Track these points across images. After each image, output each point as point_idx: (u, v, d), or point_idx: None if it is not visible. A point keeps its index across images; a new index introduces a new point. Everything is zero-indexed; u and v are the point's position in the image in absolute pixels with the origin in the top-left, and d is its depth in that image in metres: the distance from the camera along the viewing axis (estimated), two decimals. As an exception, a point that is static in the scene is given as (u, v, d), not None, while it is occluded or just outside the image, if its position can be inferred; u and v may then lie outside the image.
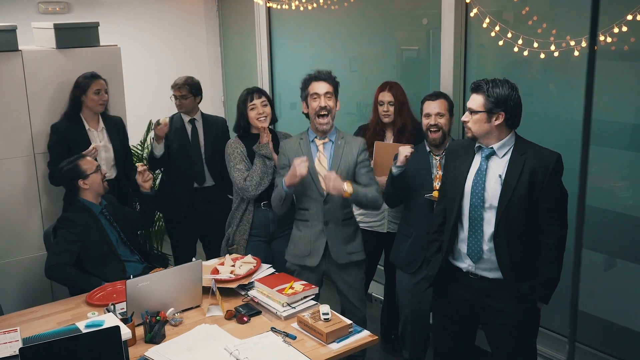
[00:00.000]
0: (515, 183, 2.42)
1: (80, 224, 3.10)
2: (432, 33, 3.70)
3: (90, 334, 2.11)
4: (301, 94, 3.10)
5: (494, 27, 3.14)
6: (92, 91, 3.58)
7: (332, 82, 3.05)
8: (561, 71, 3.12)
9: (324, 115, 3.01)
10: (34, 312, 2.78)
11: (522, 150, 2.46)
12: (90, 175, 3.15)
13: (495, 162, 2.49)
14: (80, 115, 3.63)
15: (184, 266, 2.73)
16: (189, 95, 3.83)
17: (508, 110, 2.42)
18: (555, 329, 3.29)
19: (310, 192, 3.04)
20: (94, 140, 3.62)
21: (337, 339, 2.43)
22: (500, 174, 2.46)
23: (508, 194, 2.42)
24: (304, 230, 3.08)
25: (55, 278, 3.06)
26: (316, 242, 3.05)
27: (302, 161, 2.90)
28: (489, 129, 2.45)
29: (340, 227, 3.05)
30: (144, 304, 2.54)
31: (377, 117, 3.42)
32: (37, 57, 3.73)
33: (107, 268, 3.09)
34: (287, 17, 4.84)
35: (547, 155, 2.44)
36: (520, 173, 2.42)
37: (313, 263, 3.05)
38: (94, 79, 3.59)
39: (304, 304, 2.69)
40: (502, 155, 2.48)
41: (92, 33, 3.91)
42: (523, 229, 2.46)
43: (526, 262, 2.49)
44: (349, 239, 3.08)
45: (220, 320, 2.63)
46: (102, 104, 3.62)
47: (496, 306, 2.53)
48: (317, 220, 3.05)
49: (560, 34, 2.95)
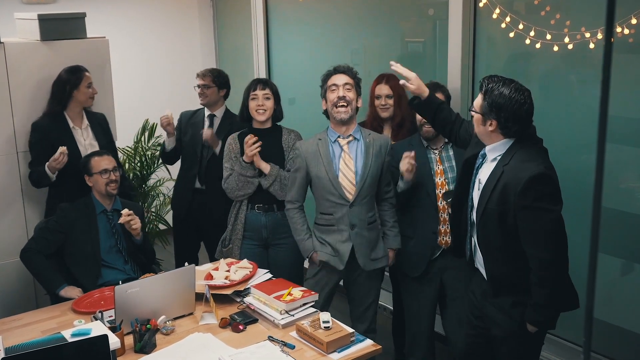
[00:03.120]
0: (488, 195, 2.38)
1: (69, 217, 3.19)
2: (439, 24, 3.70)
3: (76, 344, 2.11)
4: (320, 92, 3.11)
5: (505, 18, 3.14)
6: (84, 85, 3.58)
7: (352, 75, 3.05)
8: (576, 65, 3.12)
9: (342, 106, 2.99)
10: (16, 319, 2.78)
11: (506, 161, 2.35)
12: (94, 174, 3.23)
13: (485, 165, 2.46)
14: (64, 113, 3.62)
15: (176, 271, 2.73)
16: (212, 86, 3.84)
17: (501, 119, 2.32)
18: (570, 337, 3.29)
19: (331, 197, 3.02)
20: (78, 139, 3.61)
21: (338, 348, 2.43)
22: (480, 179, 2.44)
23: (483, 204, 2.40)
24: (330, 235, 3.05)
25: (25, 262, 3.16)
26: (342, 247, 3.03)
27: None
28: (484, 131, 2.41)
29: (365, 232, 3.03)
30: (133, 311, 2.54)
31: (374, 112, 3.41)
32: (20, 50, 3.72)
33: (82, 268, 3.15)
34: (286, 7, 4.84)
35: (523, 172, 2.29)
36: (494, 186, 2.36)
37: (338, 266, 3.04)
38: (84, 72, 3.60)
39: (303, 311, 2.69)
40: (491, 159, 2.44)
41: (79, 24, 3.90)
42: (501, 244, 2.40)
43: (509, 278, 2.43)
44: (374, 244, 3.07)
45: (215, 329, 2.63)
46: (93, 97, 3.63)
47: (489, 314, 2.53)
48: (343, 224, 3.02)
49: (575, 25, 2.95)
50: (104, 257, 3.20)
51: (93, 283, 3.10)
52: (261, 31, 5.04)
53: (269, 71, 5.10)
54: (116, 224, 3.25)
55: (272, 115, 3.37)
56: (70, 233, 3.17)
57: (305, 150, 3.07)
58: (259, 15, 5.03)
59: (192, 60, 5.55)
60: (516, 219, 2.32)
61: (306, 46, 4.71)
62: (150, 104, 4.70)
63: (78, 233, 3.18)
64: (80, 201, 3.28)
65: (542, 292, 2.34)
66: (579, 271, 3.09)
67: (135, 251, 3.28)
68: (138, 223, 3.19)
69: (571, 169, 3.12)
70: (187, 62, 5.45)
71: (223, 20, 5.64)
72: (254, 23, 5.10)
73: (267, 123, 3.37)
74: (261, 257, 3.34)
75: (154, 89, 4.15)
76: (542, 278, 2.32)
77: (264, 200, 3.31)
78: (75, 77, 3.58)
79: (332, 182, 2.99)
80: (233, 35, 5.51)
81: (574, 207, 3.12)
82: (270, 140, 3.34)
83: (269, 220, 3.33)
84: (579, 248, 3.11)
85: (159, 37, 5.44)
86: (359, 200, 2.99)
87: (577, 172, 3.10)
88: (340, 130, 3.04)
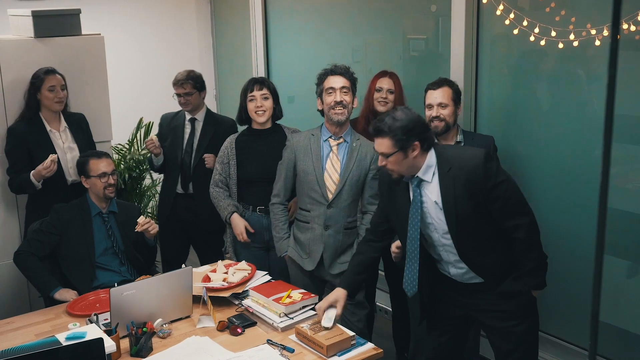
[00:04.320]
0: (454, 208, 2.41)
1: (63, 218, 3.19)
2: (441, 21, 3.71)
3: (71, 347, 2.11)
4: (316, 90, 3.13)
5: (509, 14, 3.14)
6: (45, 88, 3.49)
7: (349, 76, 3.08)
8: (581, 62, 3.12)
9: (340, 109, 3.02)
10: (10, 323, 2.78)
11: (446, 167, 2.42)
12: (91, 177, 3.23)
13: (427, 188, 2.46)
14: (40, 115, 3.56)
15: (173, 273, 2.73)
16: (193, 91, 3.79)
17: (419, 137, 2.39)
18: (575, 341, 3.29)
19: (313, 194, 3.06)
20: (56, 142, 3.55)
21: (339, 352, 2.44)
22: (435, 200, 2.44)
23: (453, 216, 2.42)
24: (304, 233, 3.10)
25: (18, 265, 3.15)
26: (314, 247, 3.08)
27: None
28: (409, 163, 2.42)
29: (340, 236, 3.07)
30: (129, 314, 2.54)
31: (370, 105, 3.41)
32: (13, 47, 3.72)
33: (76, 271, 3.15)
34: (285, 2, 4.84)
35: (471, 162, 2.39)
36: (454, 197, 2.40)
37: (309, 267, 3.09)
38: (48, 74, 3.50)
39: (303, 314, 2.69)
40: (430, 178, 2.45)
41: (73, 21, 3.91)
42: (484, 238, 2.46)
43: (500, 265, 2.51)
44: (346, 248, 3.10)
45: (212, 332, 2.63)
46: (59, 101, 3.53)
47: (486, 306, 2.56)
48: (317, 224, 3.06)
49: (580, 22, 2.95)
50: (99, 259, 3.19)
51: (88, 285, 3.10)
52: (260, 27, 5.04)
53: (268, 68, 5.10)
54: (112, 226, 3.25)
55: (272, 114, 3.37)
56: (65, 235, 3.17)
57: (296, 142, 3.12)
58: (258, 10, 5.03)
59: (189, 57, 5.54)
60: (487, 203, 2.40)
61: (306, 43, 4.71)
62: (146, 102, 4.69)
63: (72, 235, 3.18)
64: (75, 202, 3.28)
65: (533, 255, 2.47)
66: (584, 273, 3.11)
67: (135, 254, 3.28)
68: (155, 228, 3.20)
69: (576, 168, 3.13)
70: (184, 59, 5.43)
71: (221, 16, 5.64)
72: (253, 19, 5.10)
73: (267, 123, 3.37)
74: (261, 260, 3.34)
75: (150, 87, 4.15)
76: (531, 241, 2.46)
77: (265, 203, 3.31)
78: (38, 80, 3.50)
79: (317, 178, 3.03)
80: (231, 31, 5.51)
81: (579, 208, 3.14)
82: (273, 141, 3.34)
83: (271, 222, 3.33)
84: (584, 249, 3.12)
85: (155, 34, 5.43)
86: (338, 202, 3.03)
87: (582, 172, 3.10)
88: (334, 130, 3.08)
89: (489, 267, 2.50)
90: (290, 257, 3.16)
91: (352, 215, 3.10)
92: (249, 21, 5.15)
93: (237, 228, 3.31)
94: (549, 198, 3.25)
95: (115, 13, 5.17)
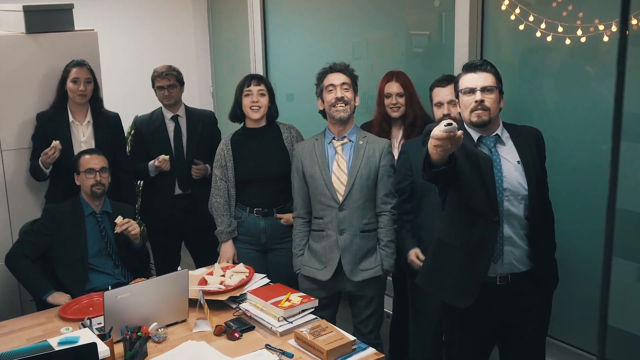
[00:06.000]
0: (533, 169, 2.49)
1: (56, 218, 3.20)
2: (445, 16, 3.70)
3: (63, 352, 2.11)
4: (316, 90, 3.12)
5: (514, 9, 3.14)
6: (70, 79, 3.60)
7: (349, 73, 3.08)
8: (589, 59, 3.12)
9: (341, 105, 3.01)
10: (0, 327, 2.78)
11: (517, 132, 2.53)
12: (81, 173, 3.24)
13: (502, 150, 2.50)
14: (67, 106, 3.66)
15: (169, 276, 2.73)
16: (176, 84, 3.83)
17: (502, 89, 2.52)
18: (582, 345, 3.29)
19: (323, 198, 3.03)
20: (75, 134, 3.64)
21: (339, 357, 2.44)
22: (518, 160, 2.49)
23: (532, 180, 2.48)
24: (319, 242, 3.06)
25: (10, 267, 3.16)
26: (330, 254, 3.02)
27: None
28: (498, 112, 2.50)
29: (357, 239, 3.01)
30: (123, 318, 2.54)
31: (382, 111, 3.39)
32: (4, 43, 3.72)
33: (69, 273, 3.16)
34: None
35: (534, 130, 2.58)
36: (532, 158, 2.49)
37: (324, 277, 3.03)
38: (75, 66, 3.61)
39: (302, 318, 2.69)
40: (505, 138, 2.53)
41: (66, 16, 3.91)
42: (548, 209, 2.62)
43: (546, 235, 2.61)
44: (365, 253, 3.03)
45: (209, 337, 2.63)
46: (82, 94, 3.61)
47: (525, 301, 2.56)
48: (331, 230, 3.03)
49: (588, 18, 2.95)
50: (92, 260, 3.20)
51: (81, 288, 3.10)
52: (258, 23, 5.04)
53: (266, 66, 5.10)
54: (106, 226, 3.25)
55: (267, 113, 3.36)
56: (57, 235, 3.17)
57: (301, 149, 3.12)
58: (256, 5, 5.03)
59: (185, 53, 5.54)
60: (541, 170, 2.55)
61: (306, 40, 4.71)
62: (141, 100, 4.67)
63: (65, 236, 3.18)
64: (68, 202, 3.29)
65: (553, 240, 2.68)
66: (592, 275, 3.10)
67: (129, 255, 3.28)
68: (136, 228, 3.16)
69: (584, 167, 3.12)
70: (180, 55, 5.43)
71: (218, 12, 5.64)
72: (251, 15, 5.10)
73: (261, 121, 3.37)
74: (259, 262, 3.34)
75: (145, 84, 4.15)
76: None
77: (262, 204, 3.31)
78: (65, 71, 3.62)
79: (325, 182, 3.01)
80: (228, 27, 5.51)
81: (586, 208, 3.13)
82: (269, 139, 3.34)
83: (268, 224, 3.33)
84: (592, 251, 3.12)
85: (150, 29, 5.43)
86: (349, 204, 2.99)
87: (590, 171, 3.10)
88: (337, 130, 3.06)
89: (543, 248, 2.54)
90: (302, 274, 3.11)
91: (368, 217, 3.04)
92: (247, 16, 5.15)
93: (224, 254, 3.33)
94: (555, 197, 3.23)
95: (109, 8, 5.16)
